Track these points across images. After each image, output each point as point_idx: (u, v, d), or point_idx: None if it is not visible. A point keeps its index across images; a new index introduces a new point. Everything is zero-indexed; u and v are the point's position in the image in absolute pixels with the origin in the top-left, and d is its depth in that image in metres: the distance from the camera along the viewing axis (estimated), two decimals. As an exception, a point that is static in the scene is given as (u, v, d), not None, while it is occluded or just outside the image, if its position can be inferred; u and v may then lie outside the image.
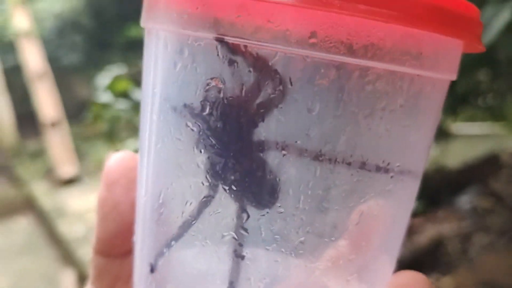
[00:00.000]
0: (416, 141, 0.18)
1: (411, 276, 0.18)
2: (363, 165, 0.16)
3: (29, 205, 3.27)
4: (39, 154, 3.95)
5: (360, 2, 0.14)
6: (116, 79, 1.01)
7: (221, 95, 0.16)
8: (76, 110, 4.35)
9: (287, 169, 0.16)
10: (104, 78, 1.03)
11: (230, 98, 0.16)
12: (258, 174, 0.16)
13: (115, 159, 0.18)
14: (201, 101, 0.16)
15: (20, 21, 3.96)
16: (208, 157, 0.16)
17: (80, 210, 3.18)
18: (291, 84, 0.15)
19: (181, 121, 0.17)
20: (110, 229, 0.18)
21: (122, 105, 1.00)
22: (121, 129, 0.98)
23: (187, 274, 0.17)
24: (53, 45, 4.33)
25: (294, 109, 0.16)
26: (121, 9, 4.41)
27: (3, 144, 4.06)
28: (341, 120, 0.16)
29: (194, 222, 0.17)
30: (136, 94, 1.01)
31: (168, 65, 0.17)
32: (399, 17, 0.15)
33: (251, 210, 0.16)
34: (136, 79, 1.07)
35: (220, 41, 0.15)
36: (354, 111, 0.16)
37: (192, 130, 0.16)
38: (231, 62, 0.15)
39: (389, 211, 0.18)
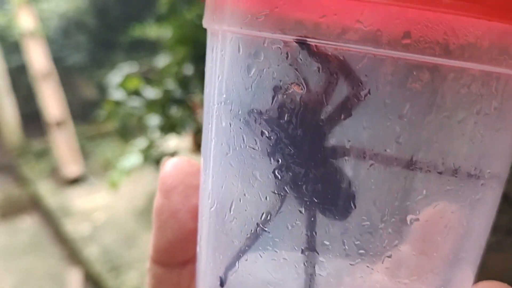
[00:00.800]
0: (506, 145, 0.17)
1: (494, 286, 0.17)
2: (454, 173, 0.16)
3: (34, 205, 3.29)
4: (44, 153, 3.97)
5: None
6: (128, 77, 1.01)
7: (300, 101, 0.15)
8: (81, 109, 4.37)
9: (374, 179, 0.15)
10: (115, 76, 1.04)
11: (310, 104, 0.15)
12: (339, 184, 0.15)
13: (172, 164, 0.18)
14: (278, 108, 0.15)
15: (25, 21, 3.98)
16: (285, 167, 0.15)
17: (85, 209, 3.20)
18: (379, 88, 0.14)
19: (255, 128, 0.16)
20: (168, 238, 0.18)
21: (134, 102, 1.00)
22: (132, 126, 0.98)
23: (259, 287, 0.17)
24: (58, 45, 4.34)
25: (383, 115, 0.15)
26: (126, 9, 4.42)
27: (8, 143, 4.08)
28: (434, 125, 0.15)
29: (267, 233, 0.16)
30: (147, 92, 1.01)
31: (241, 70, 0.16)
32: (500, 13, 0.14)
33: (328, 222, 0.16)
34: (146, 77, 1.08)
35: (302, 43, 0.15)
36: (447, 115, 0.15)
37: (268, 138, 0.15)
38: (313, 67, 0.15)
39: (476, 220, 0.17)
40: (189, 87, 1.07)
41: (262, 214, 0.16)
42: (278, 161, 0.15)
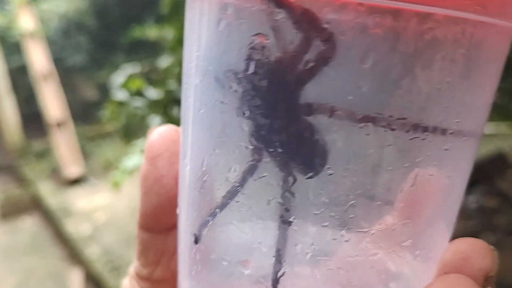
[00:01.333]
0: (476, 96, 0.16)
1: (471, 243, 0.17)
2: (420, 122, 0.15)
3: (35, 205, 3.29)
4: (45, 154, 3.97)
5: None
6: (131, 77, 1.02)
7: (267, 52, 0.15)
8: (81, 110, 4.37)
9: (337, 129, 0.15)
10: (118, 76, 1.05)
11: (276, 55, 0.14)
12: (306, 135, 0.15)
13: (158, 132, 0.18)
14: (245, 60, 0.15)
15: (25, 21, 3.98)
16: (253, 120, 0.15)
17: (86, 209, 3.20)
18: (343, 35, 0.14)
19: (224, 83, 0.15)
20: (153, 203, 0.18)
21: (136, 103, 1.01)
22: (135, 127, 0.99)
23: (232, 243, 0.17)
24: (58, 45, 4.34)
25: (346, 63, 0.14)
26: (126, 10, 4.42)
27: (9, 144, 4.08)
28: (397, 72, 0.14)
29: (238, 188, 0.16)
30: (150, 92, 1.02)
31: (211, 25, 0.16)
32: None
33: (298, 173, 0.15)
34: (148, 78, 1.08)
35: None
36: (411, 62, 0.14)
37: (236, 91, 0.15)
38: (276, 16, 0.14)
39: (446, 173, 0.16)
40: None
41: (232, 169, 0.16)
42: (244, 114, 0.15)
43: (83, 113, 4.33)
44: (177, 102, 1.08)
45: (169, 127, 0.18)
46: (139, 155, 1.28)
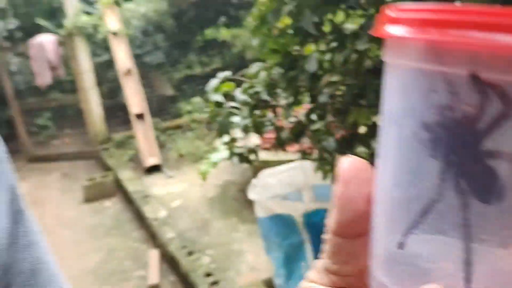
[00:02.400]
0: None
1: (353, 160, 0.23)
2: None
3: (116, 190, 3.57)
4: (125, 144, 4.28)
5: None
6: (223, 82, 1.17)
7: (455, 109, 0.17)
8: (157, 104, 4.67)
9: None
10: (214, 80, 1.20)
11: (469, 119, 0.17)
12: (488, 172, 0.17)
13: (348, 162, 0.22)
14: (435, 114, 0.18)
15: (111, 21, 4.33)
16: (443, 161, 0.18)
17: (162, 196, 3.44)
18: None
19: (418, 131, 0.18)
20: (346, 217, 0.22)
21: (228, 104, 1.16)
22: (226, 125, 1.14)
23: (425, 253, 0.20)
24: (138, 43, 4.65)
25: None
26: (200, 12, 4.66)
27: (94, 134, 4.41)
28: None
29: (430, 210, 0.19)
30: (238, 95, 1.16)
31: (413, 93, 0.19)
32: None
33: (480, 201, 0.18)
34: (238, 82, 1.22)
35: (474, 76, 0.17)
36: None
37: (430, 140, 0.18)
38: (480, 94, 0.17)
39: None
40: (276, 91, 1.21)
41: (424, 200, 0.19)
42: (438, 157, 0.18)
43: (159, 107, 4.63)
44: (262, 104, 1.22)
45: (355, 159, 0.23)
46: (224, 150, 1.43)
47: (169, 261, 2.65)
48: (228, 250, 2.66)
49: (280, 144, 1.34)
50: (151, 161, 3.70)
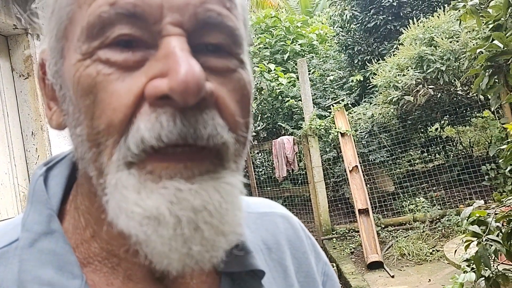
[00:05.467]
0: None
1: None
2: None
3: (340, 282, 3.77)
4: (347, 237, 4.53)
5: None
6: (475, 210, 1.29)
7: None
8: (378, 201, 4.84)
9: None
10: (468, 209, 1.33)
11: None
12: None
13: None
14: None
15: (340, 123, 4.85)
16: None
17: (383, 295, 3.47)
18: None
19: None
20: None
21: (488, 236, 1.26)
22: (486, 257, 1.24)
23: None
24: (364, 143, 5.02)
25: None
26: (425, 113, 4.81)
27: (320, 223, 4.81)
28: None
29: None
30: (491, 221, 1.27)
31: None
32: None
33: None
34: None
35: None
36: None
37: None
38: None
39: None
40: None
41: None
42: None
43: (380, 203, 4.79)
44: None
45: None
46: (470, 273, 1.51)
47: None
48: None
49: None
50: (373, 257, 3.83)
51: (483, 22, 1.73)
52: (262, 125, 5.83)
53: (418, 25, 4.71)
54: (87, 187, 0.32)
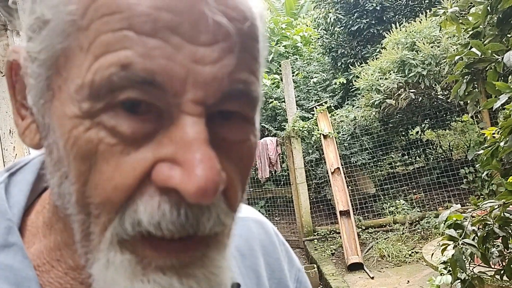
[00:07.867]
0: None
1: None
2: None
3: (319, 283, 3.79)
4: (327, 238, 4.56)
5: None
6: (452, 213, 1.32)
7: None
8: (359, 202, 4.89)
9: None
10: (445, 213, 1.36)
11: None
12: None
13: None
14: None
15: (323, 125, 4.89)
16: None
17: (363, 296, 3.51)
18: None
19: None
20: None
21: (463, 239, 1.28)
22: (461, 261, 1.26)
23: None
24: (346, 145, 5.07)
25: None
26: (407, 117, 4.89)
27: (301, 225, 4.83)
28: None
29: None
30: (469, 229, 1.29)
31: None
32: None
33: None
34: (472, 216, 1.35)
35: None
36: None
37: None
38: None
39: None
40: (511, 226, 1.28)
41: None
42: None
43: (361, 205, 4.84)
44: (493, 237, 1.30)
45: None
46: (447, 276, 1.54)
47: None
48: None
49: (510, 277, 1.38)
50: (353, 259, 3.86)
51: (462, 29, 1.76)
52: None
53: (400, 30, 4.77)
54: (63, 219, 0.30)
